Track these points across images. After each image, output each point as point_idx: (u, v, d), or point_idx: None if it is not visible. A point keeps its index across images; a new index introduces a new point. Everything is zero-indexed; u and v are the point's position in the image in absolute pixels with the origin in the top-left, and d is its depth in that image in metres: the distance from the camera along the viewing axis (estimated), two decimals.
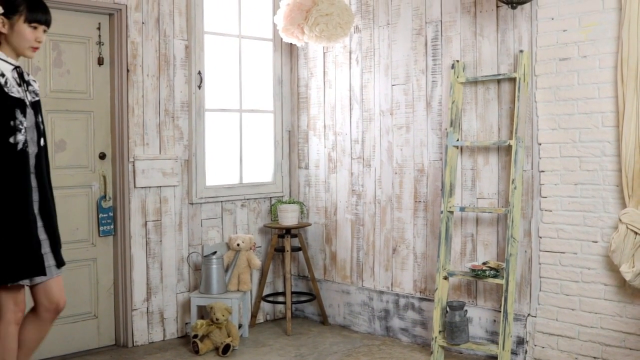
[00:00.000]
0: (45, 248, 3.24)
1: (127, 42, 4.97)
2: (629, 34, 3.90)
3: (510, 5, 4.14)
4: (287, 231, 5.51)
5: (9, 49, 3.20)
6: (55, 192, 4.68)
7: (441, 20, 4.90)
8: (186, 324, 5.31)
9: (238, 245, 5.27)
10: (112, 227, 5.00)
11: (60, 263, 3.34)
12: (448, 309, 4.56)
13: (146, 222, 5.10)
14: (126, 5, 4.95)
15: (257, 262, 5.33)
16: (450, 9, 4.85)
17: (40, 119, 3.27)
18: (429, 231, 4.99)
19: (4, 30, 3.17)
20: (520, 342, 4.50)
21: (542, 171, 4.39)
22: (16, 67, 3.22)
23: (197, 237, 5.40)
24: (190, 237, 5.35)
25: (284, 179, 6.02)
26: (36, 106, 3.27)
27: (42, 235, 3.22)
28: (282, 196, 5.97)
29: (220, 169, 5.65)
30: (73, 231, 4.86)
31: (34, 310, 3.35)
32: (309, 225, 5.76)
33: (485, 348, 4.48)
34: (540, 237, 4.41)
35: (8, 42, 3.18)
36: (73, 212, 4.86)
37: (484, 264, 4.51)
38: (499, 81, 4.60)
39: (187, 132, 5.32)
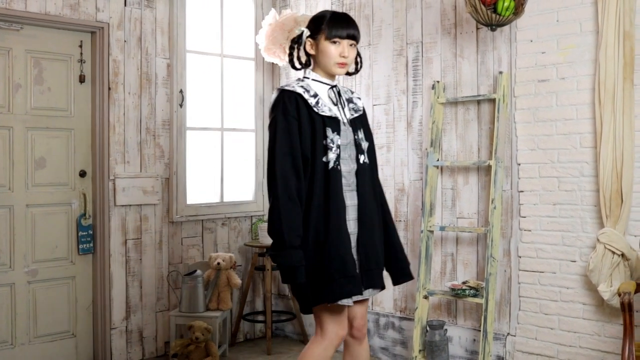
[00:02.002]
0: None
1: (108, 60, 4.97)
2: (606, 57, 3.96)
3: (489, 28, 4.19)
4: (268, 250, 5.50)
5: (320, 70, 3.18)
6: (35, 210, 4.73)
7: (422, 42, 4.95)
8: (165, 343, 5.27)
9: (218, 264, 5.25)
10: (91, 245, 4.97)
11: (370, 285, 3.15)
12: (428, 328, 4.57)
13: (126, 240, 5.07)
14: (108, 24, 4.96)
15: (238, 280, 5.31)
16: (430, 30, 4.90)
17: (359, 136, 3.19)
18: (409, 250, 5.01)
19: (312, 52, 3.16)
20: None
21: (521, 191, 4.43)
22: (333, 86, 3.19)
23: (177, 256, 5.38)
24: (171, 256, 5.33)
25: (265, 198, 6.01)
26: (355, 123, 3.21)
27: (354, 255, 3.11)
28: (263, 215, 5.96)
29: (201, 188, 5.64)
30: (52, 249, 4.82)
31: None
32: None
33: None
34: (520, 257, 4.44)
35: (317, 62, 3.17)
36: (52, 230, 4.83)
37: (463, 283, 4.53)
38: (478, 102, 4.65)
39: (168, 151, 5.31)
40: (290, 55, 3.23)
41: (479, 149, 4.66)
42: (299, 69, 3.24)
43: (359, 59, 3.30)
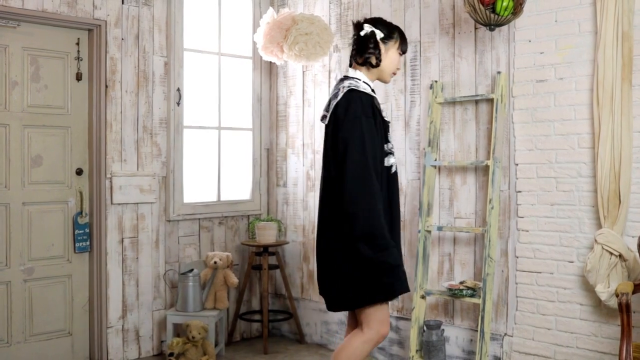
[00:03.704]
0: None
1: (106, 57, 4.96)
2: (604, 57, 3.96)
3: (488, 27, 4.18)
4: (265, 249, 5.49)
5: (372, 74, 3.24)
6: (31, 208, 4.72)
7: (420, 41, 4.95)
8: (162, 342, 5.26)
9: (215, 262, 5.24)
10: (88, 243, 4.96)
11: None
12: (425, 328, 4.57)
13: (123, 238, 5.06)
14: (106, 21, 4.95)
15: (234, 279, 5.30)
16: (429, 29, 4.89)
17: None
18: (406, 250, 5.00)
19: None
20: None
21: (519, 191, 4.43)
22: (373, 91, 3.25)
23: (174, 255, 5.36)
24: (167, 255, 5.32)
25: (262, 197, 6.01)
26: None
27: None
28: (260, 214, 5.95)
29: (198, 187, 5.63)
30: (48, 247, 4.81)
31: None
32: (287, 243, 5.75)
33: None
34: (517, 257, 4.44)
35: (377, 65, 3.22)
36: (49, 228, 4.81)
37: (461, 283, 4.52)
38: (476, 102, 4.64)
39: (165, 149, 5.30)
40: (372, 53, 3.23)
41: (476, 149, 4.65)
42: (374, 67, 3.25)
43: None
